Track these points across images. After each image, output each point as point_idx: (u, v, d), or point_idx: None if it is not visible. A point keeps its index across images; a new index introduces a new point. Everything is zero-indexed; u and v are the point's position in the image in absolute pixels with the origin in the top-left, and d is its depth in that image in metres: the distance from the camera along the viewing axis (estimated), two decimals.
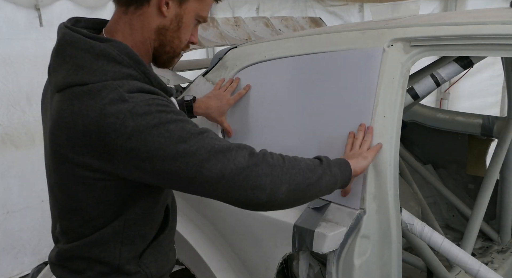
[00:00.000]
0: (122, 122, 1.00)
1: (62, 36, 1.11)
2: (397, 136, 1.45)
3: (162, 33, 1.16)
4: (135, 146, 1.01)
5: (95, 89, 1.04)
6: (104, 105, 1.01)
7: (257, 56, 1.79)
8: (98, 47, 1.07)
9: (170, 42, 1.18)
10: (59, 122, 1.07)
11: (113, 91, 1.03)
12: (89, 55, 1.07)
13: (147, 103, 1.03)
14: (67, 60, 1.09)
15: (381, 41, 1.52)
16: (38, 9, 3.29)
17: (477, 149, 2.67)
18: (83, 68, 1.06)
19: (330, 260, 1.44)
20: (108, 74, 1.05)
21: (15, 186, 3.41)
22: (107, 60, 1.06)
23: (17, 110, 3.34)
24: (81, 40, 1.08)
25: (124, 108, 1.01)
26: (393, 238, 1.46)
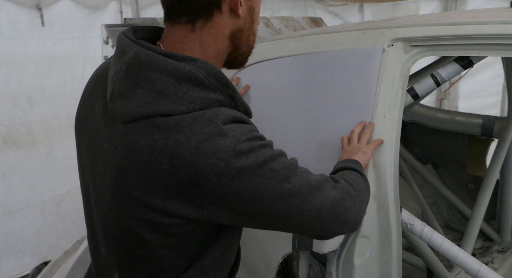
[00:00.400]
0: (226, 163, 0.87)
1: (135, 55, 0.92)
2: (397, 136, 1.45)
3: (237, 36, 1.03)
4: (237, 189, 0.89)
5: (185, 121, 0.88)
6: (201, 142, 0.87)
7: (257, 56, 1.78)
8: (183, 69, 0.90)
9: (246, 41, 1.06)
10: (135, 160, 0.90)
11: (208, 124, 0.88)
12: (171, 78, 0.90)
13: (247, 137, 0.90)
14: (142, 85, 0.90)
15: (381, 41, 1.52)
16: (40, 9, 3.29)
17: (477, 149, 2.67)
18: (165, 95, 0.89)
19: (330, 260, 1.44)
20: (195, 102, 0.90)
21: (16, 186, 3.41)
22: (192, 84, 0.91)
23: (19, 110, 3.34)
24: (161, 61, 0.91)
25: (226, 146, 0.87)
26: (393, 238, 1.46)
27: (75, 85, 3.54)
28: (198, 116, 0.89)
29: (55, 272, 2.47)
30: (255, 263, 1.65)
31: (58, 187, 3.59)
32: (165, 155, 0.88)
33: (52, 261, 2.59)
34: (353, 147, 1.39)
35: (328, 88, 1.59)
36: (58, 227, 3.64)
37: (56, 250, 3.48)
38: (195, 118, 0.89)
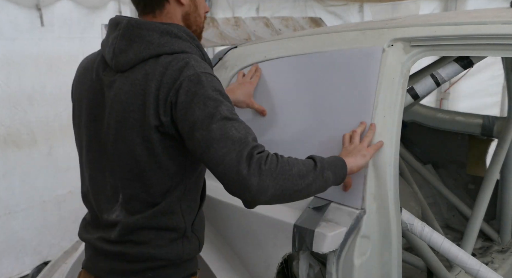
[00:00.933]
0: (180, 82, 1.19)
1: (128, 22, 1.29)
2: (397, 136, 1.46)
3: (186, 18, 1.36)
4: (181, 101, 1.19)
5: (167, 60, 1.24)
6: (173, 71, 1.21)
7: (257, 56, 1.79)
8: (162, 26, 1.28)
9: (194, 22, 1.39)
10: (135, 90, 1.24)
11: (181, 61, 1.23)
12: (155, 33, 1.27)
13: (203, 72, 1.22)
14: (136, 40, 1.27)
15: (381, 41, 1.52)
16: (39, 9, 3.29)
17: (477, 149, 2.67)
18: (153, 43, 1.26)
19: (330, 260, 1.44)
20: (174, 45, 1.27)
21: (17, 187, 3.41)
22: (170, 36, 1.28)
23: (19, 111, 3.34)
24: (146, 23, 1.28)
25: (185, 73, 1.20)
26: (393, 238, 1.46)
27: None
28: (177, 57, 1.25)
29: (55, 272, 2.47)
30: (255, 263, 1.65)
31: (58, 187, 3.59)
32: (153, 82, 1.23)
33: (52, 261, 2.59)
34: (354, 147, 1.41)
35: (328, 88, 1.59)
36: (58, 227, 3.64)
37: (56, 250, 3.48)
38: (174, 58, 1.25)
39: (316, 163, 1.25)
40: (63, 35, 3.46)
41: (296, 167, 1.20)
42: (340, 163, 1.32)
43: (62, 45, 3.47)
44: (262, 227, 1.59)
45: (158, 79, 1.23)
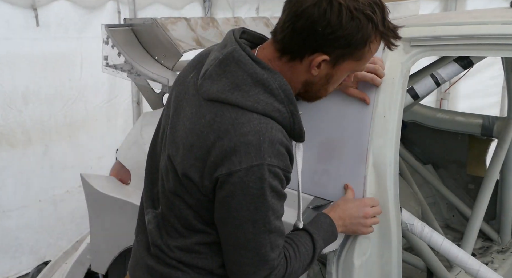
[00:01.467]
0: (237, 170, 1.06)
1: (232, 51, 1.13)
2: (397, 136, 1.45)
3: (308, 85, 1.19)
4: (222, 194, 1.10)
5: (242, 119, 1.08)
6: (240, 142, 1.07)
7: None
8: (261, 75, 1.10)
9: (316, 92, 1.22)
10: (195, 127, 1.13)
11: (254, 133, 1.07)
12: (250, 79, 1.10)
13: (270, 170, 1.07)
14: (228, 75, 1.12)
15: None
16: (35, 9, 3.29)
17: (477, 149, 2.67)
18: (241, 90, 1.10)
19: (330, 260, 1.44)
20: (260, 103, 1.09)
21: (11, 186, 3.41)
22: (264, 89, 1.10)
23: (13, 110, 3.34)
24: (248, 63, 1.11)
25: (250, 162, 1.06)
26: (393, 238, 1.46)
27: (72, 85, 3.53)
28: (252, 119, 1.08)
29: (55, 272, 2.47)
30: None
31: (55, 187, 3.59)
32: (213, 133, 1.09)
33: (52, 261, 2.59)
34: (359, 211, 1.38)
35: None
36: (56, 227, 3.64)
37: (54, 250, 3.48)
38: (250, 120, 1.08)
39: (315, 251, 1.28)
40: (59, 35, 3.46)
41: (296, 273, 1.24)
42: (333, 234, 1.34)
43: (57, 45, 3.46)
44: None
45: (220, 136, 1.09)
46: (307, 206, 1.51)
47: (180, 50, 1.99)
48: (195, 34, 2.16)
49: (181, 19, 2.17)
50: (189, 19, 2.20)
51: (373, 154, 1.44)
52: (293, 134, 1.16)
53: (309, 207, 1.50)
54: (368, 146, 1.44)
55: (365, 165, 1.44)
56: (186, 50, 2.02)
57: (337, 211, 1.36)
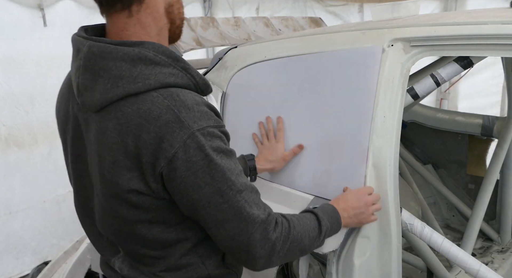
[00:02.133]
0: (175, 152, 0.97)
1: (88, 49, 1.01)
2: (397, 136, 1.45)
3: (169, 11, 1.10)
4: (179, 176, 0.99)
5: (145, 106, 0.98)
6: (159, 127, 0.97)
7: (257, 56, 1.79)
8: (132, 52, 0.99)
9: (178, 14, 1.13)
10: (106, 144, 1.02)
11: (166, 111, 0.97)
12: (124, 63, 0.99)
13: (202, 133, 0.99)
14: (101, 74, 1.00)
15: (381, 41, 1.52)
16: (42, 9, 3.29)
17: (477, 149, 2.67)
18: (122, 78, 0.99)
19: (330, 260, 1.44)
20: (150, 78, 0.99)
21: (18, 187, 3.41)
22: (144, 63, 1.00)
23: (20, 111, 3.34)
24: (112, 49, 0.99)
25: (180, 136, 0.97)
26: (393, 238, 1.46)
27: None
28: (154, 99, 0.98)
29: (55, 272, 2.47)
30: None
31: (59, 187, 3.59)
32: (129, 138, 0.98)
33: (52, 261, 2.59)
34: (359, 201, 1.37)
35: (328, 88, 1.59)
36: (59, 227, 3.64)
37: (56, 250, 3.48)
38: (153, 102, 0.98)
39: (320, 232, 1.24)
40: (65, 35, 3.46)
41: (303, 241, 1.17)
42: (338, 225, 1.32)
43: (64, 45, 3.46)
44: None
45: (135, 134, 0.98)
46: (307, 206, 1.51)
47: (180, 50, 1.99)
48: (195, 34, 2.16)
49: None
50: (189, 19, 2.20)
51: (373, 154, 1.44)
52: (200, 88, 1.07)
53: (309, 207, 1.50)
54: (368, 146, 1.45)
55: (365, 165, 1.44)
56: (186, 50, 2.02)
57: (339, 204, 1.35)
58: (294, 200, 1.56)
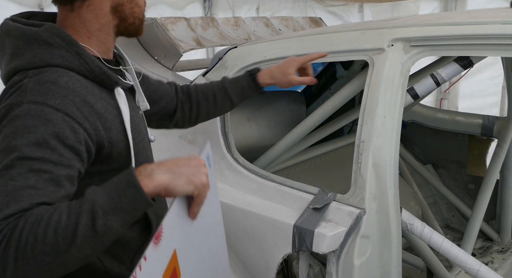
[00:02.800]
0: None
1: (1, 26, 1.08)
2: (397, 136, 1.45)
3: (118, 10, 1.11)
4: None
5: (17, 78, 1.00)
6: (4, 92, 1.00)
7: (257, 56, 1.79)
8: (29, 31, 1.03)
9: (131, 13, 1.13)
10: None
11: (20, 80, 0.99)
12: (21, 41, 1.03)
13: (29, 106, 0.94)
14: (6, 51, 1.06)
15: (381, 41, 1.52)
16: (42, 8, 3.29)
17: (477, 149, 2.67)
18: (17, 55, 1.03)
19: (330, 260, 1.44)
20: (36, 56, 1.01)
21: None
22: (38, 43, 1.03)
23: None
24: (14, 28, 1.05)
25: (9, 100, 0.96)
26: (393, 238, 1.46)
27: None
28: (27, 75, 0.99)
29: None
30: (255, 263, 1.65)
31: None
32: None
33: None
34: (190, 160, 0.97)
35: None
36: None
37: None
38: (26, 76, 0.99)
39: (79, 219, 0.85)
40: None
41: (43, 243, 0.83)
42: (135, 194, 0.89)
43: None
44: (262, 227, 1.58)
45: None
46: (307, 206, 1.51)
47: (180, 50, 1.99)
48: (195, 34, 2.16)
49: (181, 19, 2.17)
50: (189, 19, 2.21)
51: (373, 154, 1.44)
52: (96, 76, 1.05)
53: (309, 207, 1.50)
54: None
55: None
56: (186, 50, 2.02)
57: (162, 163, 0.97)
58: (295, 200, 1.56)
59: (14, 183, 0.87)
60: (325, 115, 1.83)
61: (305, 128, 1.86)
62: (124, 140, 1.09)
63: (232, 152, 1.75)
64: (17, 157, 0.90)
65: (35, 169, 0.90)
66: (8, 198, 0.86)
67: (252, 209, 1.60)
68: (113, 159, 1.07)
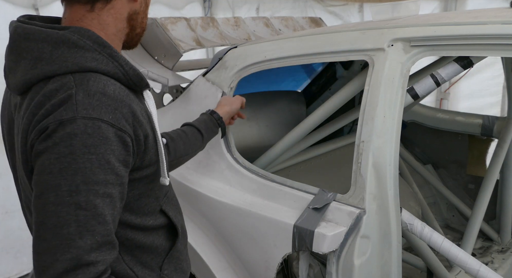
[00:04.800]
0: (46, 127, 0.91)
1: (14, 30, 1.00)
2: (397, 136, 1.45)
3: (133, 18, 1.10)
4: (36, 152, 0.92)
5: (55, 85, 0.93)
6: (50, 105, 0.92)
7: (257, 56, 1.79)
8: (55, 34, 0.96)
9: (141, 23, 1.13)
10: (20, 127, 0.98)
11: (66, 89, 0.92)
12: (47, 45, 0.96)
13: (77, 130, 0.89)
14: (24, 56, 0.98)
15: (381, 41, 1.52)
16: (36, 9, 3.28)
17: (477, 149, 2.67)
18: (42, 60, 0.96)
19: (330, 260, 1.44)
20: (68, 60, 0.95)
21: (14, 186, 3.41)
22: (67, 46, 0.96)
23: None
24: (36, 31, 0.98)
25: (59, 116, 0.90)
26: (393, 238, 1.46)
27: None
28: (65, 80, 0.93)
29: None
30: (255, 263, 1.65)
31: None
32: (29, 115, 0.94)
33: None
34: None
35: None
36: None
37: None
38: (63, 84, 0.93)
39: None
40: None
41: None
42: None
43: None
44: (262, 227, 1.58)
45: (34, 112, 0.93)
46: (307, 206, 1.51)
47: (180, 50, 1.99)
48: (195, 34, 2.16)
49: (181, 19, 2.17)
50: (189, 19, 2.20)
51: (373, 154, 1.44)
52: (130, 79, 1.02)
53: (309, 207, 1.50)
54: None
55: None
56: (186, 50, 2.02)
57: None
58: (295, 200, 1.56)
59: (84, 213, 0.89)
60: (325, 115, 1.82)
61: (305, 128, 1.86)
62: (154, 146, 1.07)
63: (232, 152, 1.75)
64: (82, 182, 0.89)
65: (101, 194, 0.91)
66: (81, 229, 0.88)
67: (252, 209, 1.60)
68: (146, 165, 1.07)
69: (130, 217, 1.08)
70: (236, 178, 1.71)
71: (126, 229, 1.09)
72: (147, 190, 1.11)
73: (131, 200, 1.07)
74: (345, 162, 1.97)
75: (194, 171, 1.79)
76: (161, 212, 1.18)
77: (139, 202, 1.11)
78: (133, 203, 1.09)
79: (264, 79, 2.42)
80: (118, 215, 0.98)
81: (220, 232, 1.75)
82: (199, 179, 1.77)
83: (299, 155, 2.18)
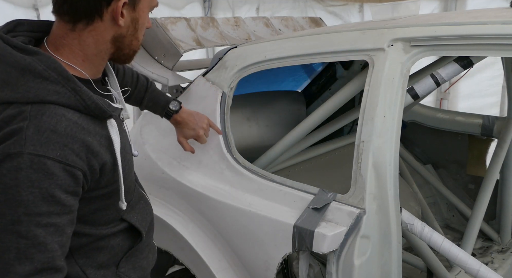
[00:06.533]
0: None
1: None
2: (397, 136, 1.45)
3: (119, 40, 1.11)
4: None
5: (12, 112, 0.96)
6: (2, 133, 0.95)
7: (257, 56, 1.79)
8: (23, 61, 0.98)
9: (129, 45, 1.14)
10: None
11: (20, 121, 0.95)
12: (14, 70, 0.98)
13: (23, 165, 0.93)
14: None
15: (381, 41, 1.52)
16: (36, 9, 3.28)
17: (477, 149, 2.67)
18: (8, 84, 0.98)
19: (330, 260, 1.44)
20: (31, 91, 0.97)
21: None
22: (33, 75, 0.98)
23: None
24: (7, 54, 0.99)
25: (7, 149, 0.93)
26: (393, 238, 1.46)
27: None
28: (22, 112, 0.96)
29: None
30: (255, 263, 1.65)
31: None
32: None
33: None
34: None
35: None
36: None
37: None
38: (21, 112, 0.96)
39: None
40: None
41: None
42: None
43: None
44: (262, 227, 1.58)
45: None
46: (307, 206, 1.51)
47: (180, 50, 1.99)
48: (195, 34, 2.16)
49: (181, 19, 2.17)
50: (189, 19, 2.20)
51: (373, 154, 1.44)
52: (92, 111, 1.04)
53: (309, 207, 1.50)
54: None
55: None
56: (186, 50, 2.02)
57: None
58: (294, 200, 1.56)
59: (25, 242, 0.94)
60: (325, 115, 1.83)
61: (305, 128, 1.86)
62: (114, 169, 1.11)
63: (232, 152, 1.75)
64: (24, 213, 0.93)
65: (43, 225, 0.95)
66: (20, 256, 0.93)
67: (252, 209, 1.60)
68: (102, 186, 1.10)
69: (84, 228, 1.12)
70: (236, 178, 1.71)
71: (81, 237, 1.12)
72: (104, 205, 1.14)
73: (86, 213, 1.10)
74: (345, 162, 1.97)
75: (194, 171, 1.79)
76: (122, 220, 1.21)
77: (94, 216, 1.14)
78: (88, 216, 1.12)
79: (264, 79, 2.42)
80: (69, 239, 1.02)
81: (220, 232, 1.75)
82: (199, 179, 1.77)
83: (299, 155, 2.18)
